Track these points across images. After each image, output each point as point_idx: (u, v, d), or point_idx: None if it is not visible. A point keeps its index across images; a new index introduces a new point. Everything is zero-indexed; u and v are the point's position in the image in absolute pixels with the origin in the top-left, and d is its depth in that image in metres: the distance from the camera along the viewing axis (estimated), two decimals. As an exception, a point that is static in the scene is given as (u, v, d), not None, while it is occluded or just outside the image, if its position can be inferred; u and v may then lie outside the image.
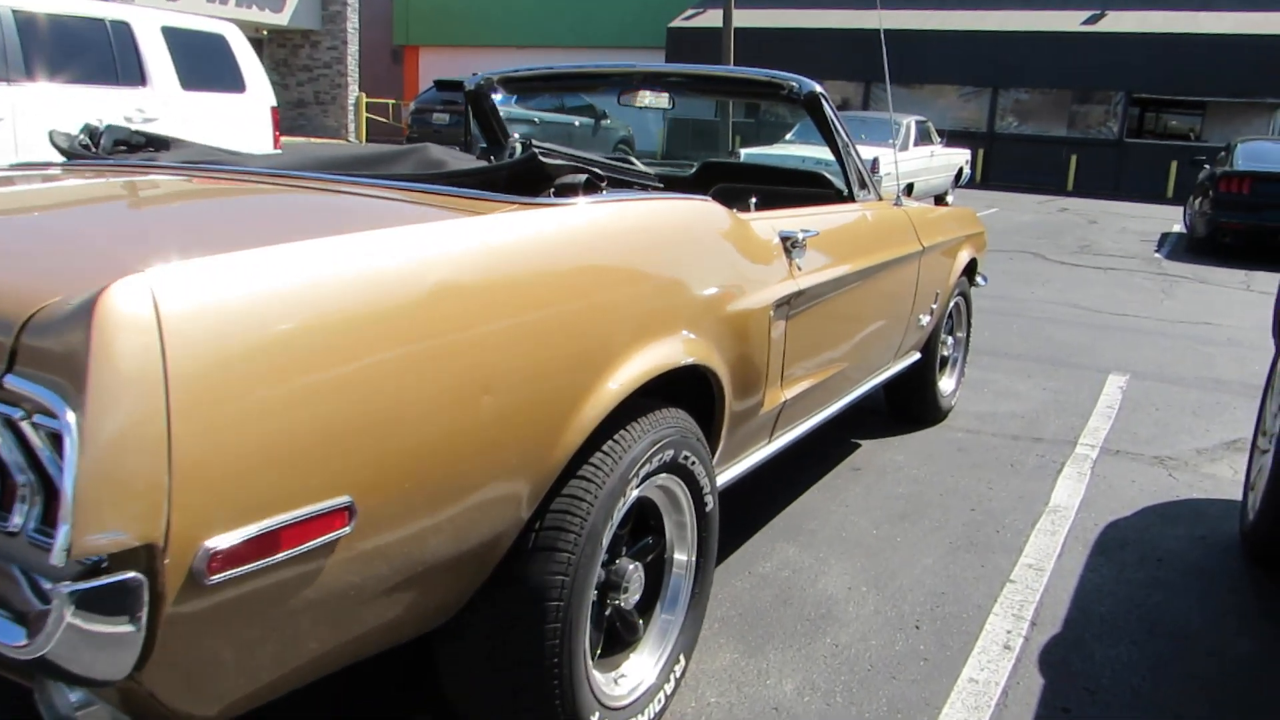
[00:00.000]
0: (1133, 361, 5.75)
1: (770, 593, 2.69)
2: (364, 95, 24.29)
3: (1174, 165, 20.43)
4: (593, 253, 1.74)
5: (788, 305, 2.43)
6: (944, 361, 4.40)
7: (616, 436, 1.75)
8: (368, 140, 24.97)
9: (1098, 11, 21.67)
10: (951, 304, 4.24)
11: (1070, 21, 21.63)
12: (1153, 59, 20.60)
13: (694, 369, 1.99)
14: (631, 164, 2.27)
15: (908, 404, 4.25)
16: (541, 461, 1.57)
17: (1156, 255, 10.98)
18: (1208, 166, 12.39)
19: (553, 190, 1.84)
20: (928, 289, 3.75)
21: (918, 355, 3.99)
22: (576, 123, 16.55)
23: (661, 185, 2.22)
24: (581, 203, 1.80)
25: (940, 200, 15.29)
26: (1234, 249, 11.11)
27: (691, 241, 2.06)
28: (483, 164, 1.90)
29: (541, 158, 1.81)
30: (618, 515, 1.77)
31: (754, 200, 2.71)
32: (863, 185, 3.35)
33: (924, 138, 14.15)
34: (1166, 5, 20.94)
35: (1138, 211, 17.00)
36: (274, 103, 7.82)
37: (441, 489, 1.40)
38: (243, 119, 7.52)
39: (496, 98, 3.69)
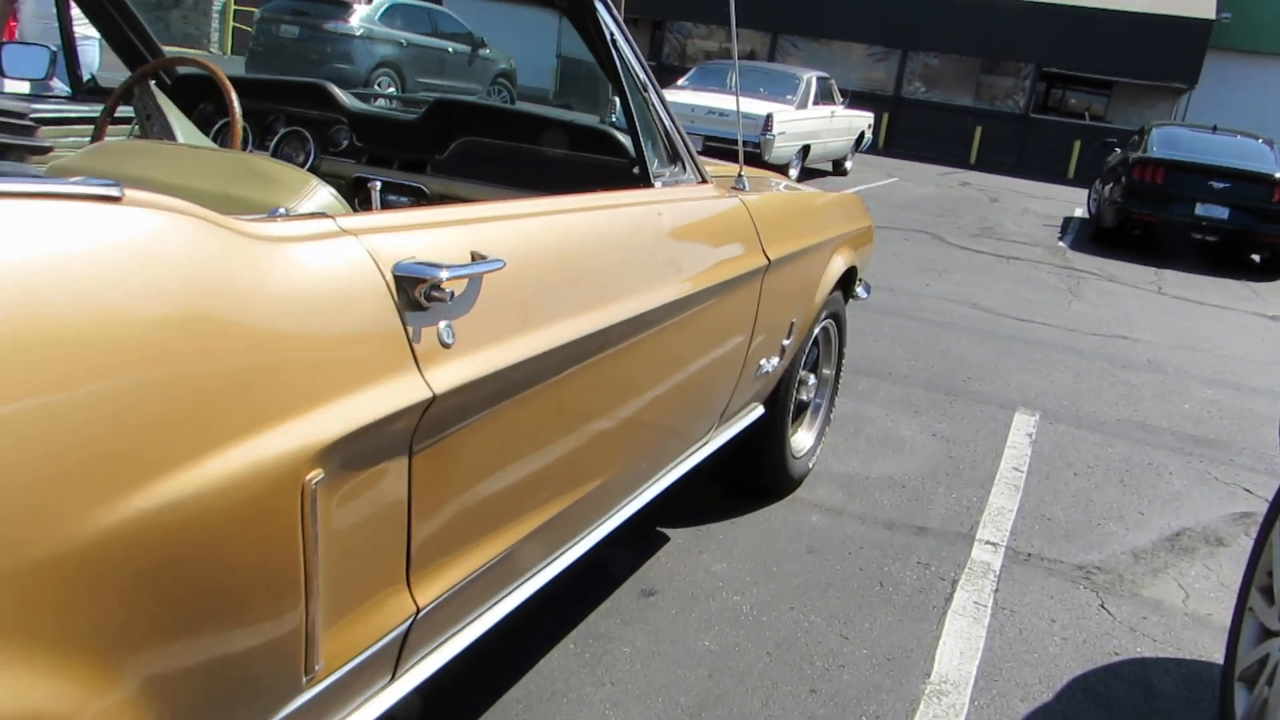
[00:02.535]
0: (1042, 391, 4.63)
1: None
2: (232, 1, 21.84)
3: (1077, 145, 19.80)
4: None
5: (406, 431, 1.10)
6: (801, 408, 3.16)
7: None
8: (232, 54, 22.55)
9: (1013, -23, 20.75)
10: (817, 330, 3.00)
11: (984, -15, 20.67)
12: (1065, 33, 19.81)
13: None
14: None
15: (744, 472, 3.01)
16: None
17: (1061, 244, 10.06)
18: (1119, 150, 11.52)
19: None
20: (776, 319, 2.48)
21: (759, 410, 2.74)
22: (450, 49, 14.82)
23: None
24: None
25: (839, 166, 14.17)
26: (1142, 241, 10.26)
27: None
28: None
29: None
30: None
31: (376, 185, 1.37)
32: (673, 158, 2.03)
33: (825, 96, 12.95)
34: (1082, -24, 20.15)
35: (1039, 191, 16.24)
36: (-4, -12, 6.04)
37: None
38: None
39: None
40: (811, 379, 3.11)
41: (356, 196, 2.45)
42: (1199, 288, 8.40)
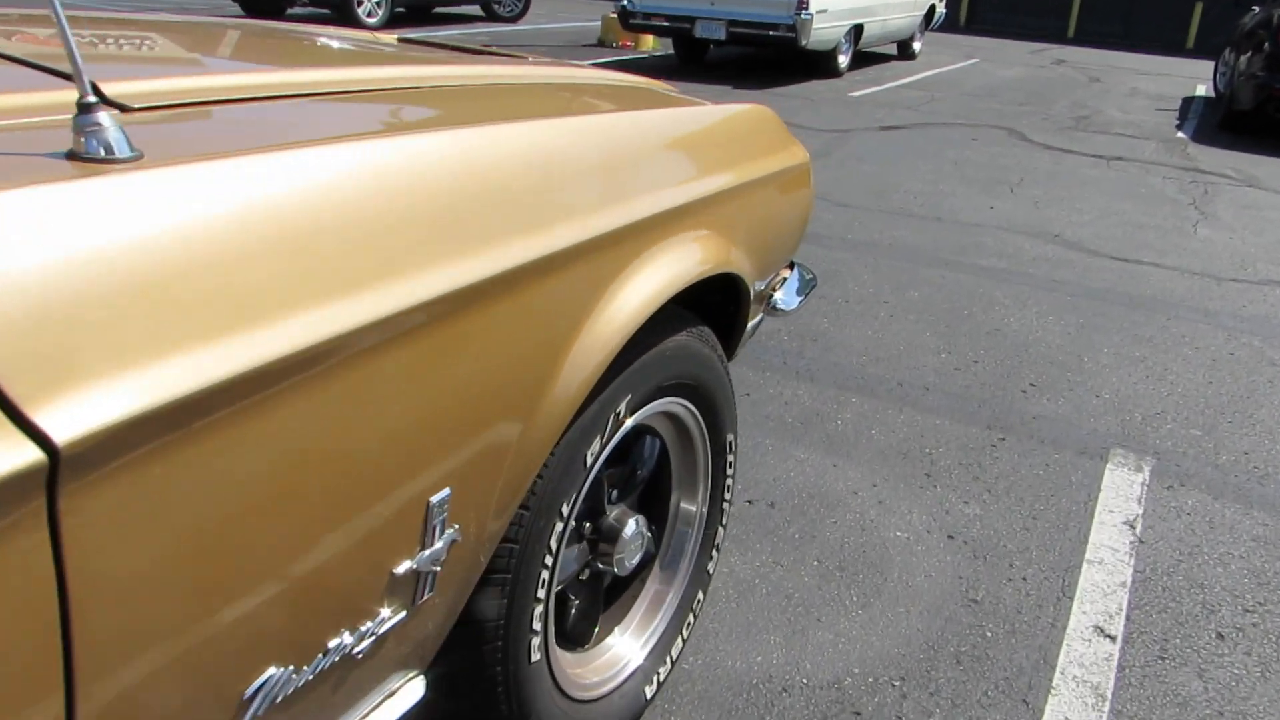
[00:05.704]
0: (1154, 408, 2.82)
1: None
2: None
3: (1199, 8, 16.86)
4: None
5: None
6: (617, 589, 1.47)
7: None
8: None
9: None
10: (613, 446, 1.29)
11: None
12: None
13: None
14: None
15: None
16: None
17: (1180, 135, 7.86)
18: (1256, 8, 9.11)
19: None
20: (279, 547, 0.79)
21: (415, 689, 1.06)
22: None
23: None
24: None
25: (905, 49, 11.90)
26: (1289, 128, 7.99)
27: None
28: None
29: None
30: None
31: None
32: None
33: (882, -37, 10.67)
34: None
35: (1151, 66, 13.66)
36: None
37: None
38: None
39: None
40: (630, 527, 1.40)
41: None
42: (1375, 190, 6.23)
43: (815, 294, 3.57)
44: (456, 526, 0.97)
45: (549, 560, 1.19)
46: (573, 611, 1.41)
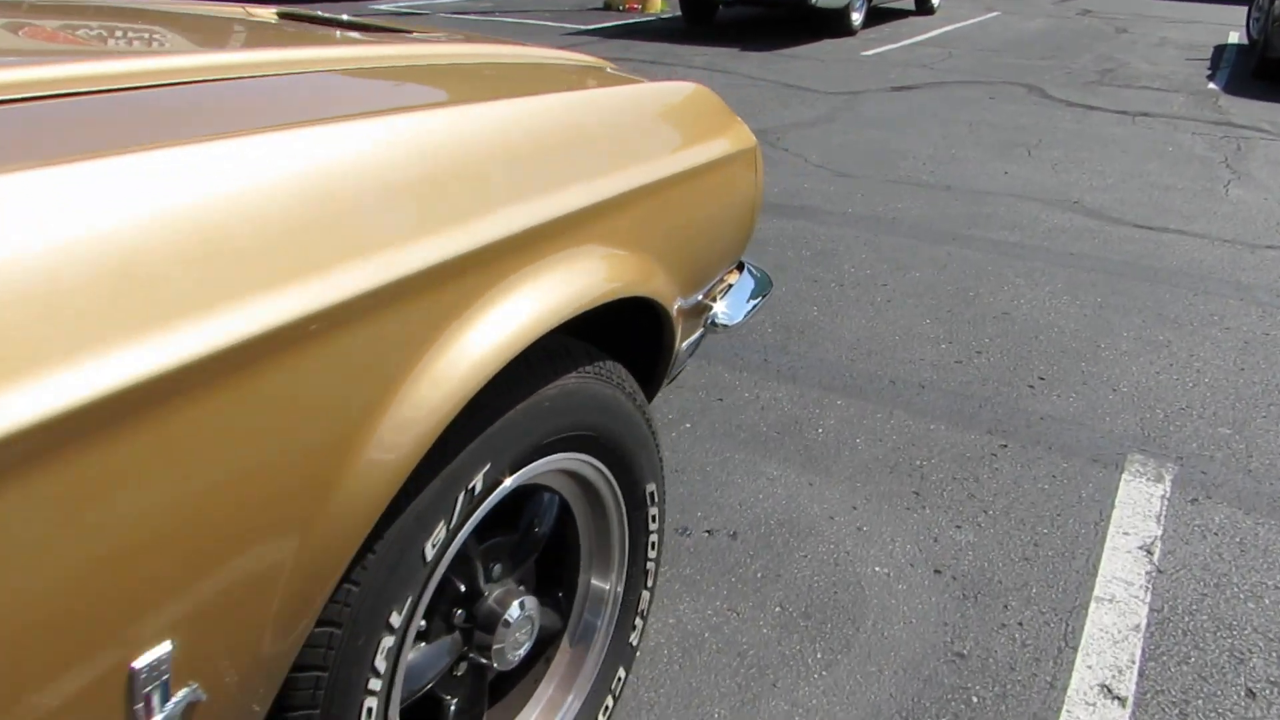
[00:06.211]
0: (1177, 403, 2.51)
1: None
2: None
3: (1233, -50, 16.13)
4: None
5: None
6: (504, 684, 1.21)
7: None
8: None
9: None
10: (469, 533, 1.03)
11: None
12: None
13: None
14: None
15: None
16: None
17: (1211, 86, 7.42)
18: (1294, -52, 8.57)
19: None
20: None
21: None
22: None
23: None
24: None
25: (923, 2, 11.43)
26: (1329, 75, 7.53)
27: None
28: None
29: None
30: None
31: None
32: None
33: (896, -87, 10.20)
34: None
35: (1181, 13, 13.08)
36: None
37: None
38: None
39: None
40: (515, 611, 1.14)
41: None
42: None
43: (806, 277, 3.28)
44: (194, 685, 0.72)
45: (376, 684, 0.93)
46: (451, 711, 1.16)
